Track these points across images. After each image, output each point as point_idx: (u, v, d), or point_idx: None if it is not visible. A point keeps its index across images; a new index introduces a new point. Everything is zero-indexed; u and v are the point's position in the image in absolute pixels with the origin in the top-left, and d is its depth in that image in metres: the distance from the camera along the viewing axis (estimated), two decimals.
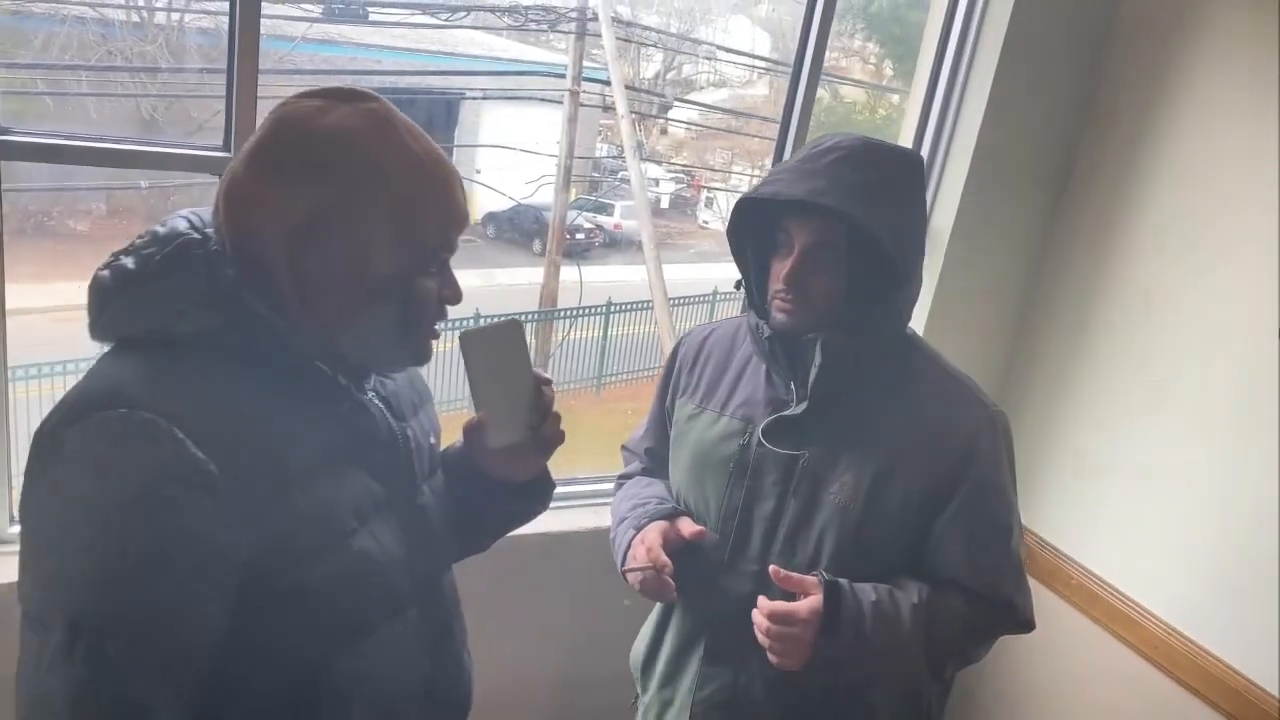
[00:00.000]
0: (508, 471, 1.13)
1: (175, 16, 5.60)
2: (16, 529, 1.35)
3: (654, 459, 1.49)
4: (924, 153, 2.05)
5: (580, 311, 7.98)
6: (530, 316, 7.72)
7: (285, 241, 0.93)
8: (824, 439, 1.25)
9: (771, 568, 1.21)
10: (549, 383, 1.11)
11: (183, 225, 0.97)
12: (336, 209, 0.92)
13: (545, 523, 1.85)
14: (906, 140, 2.08)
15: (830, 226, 1.20)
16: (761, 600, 1.21)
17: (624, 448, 1.58)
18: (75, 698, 0.83)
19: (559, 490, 1.92)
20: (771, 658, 1.21)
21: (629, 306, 8.17)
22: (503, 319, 1.09)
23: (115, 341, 0.94)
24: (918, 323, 2.06)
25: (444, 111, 8.59)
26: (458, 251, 1.03)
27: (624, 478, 1.54)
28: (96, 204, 6.70)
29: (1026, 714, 2.11)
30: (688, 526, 1.32)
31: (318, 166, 0.92)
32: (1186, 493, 1.81)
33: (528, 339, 1.12)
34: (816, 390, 1.24)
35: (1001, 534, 1.27)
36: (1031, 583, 2.03)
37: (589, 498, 2.00)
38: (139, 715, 0.85)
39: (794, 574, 1.20)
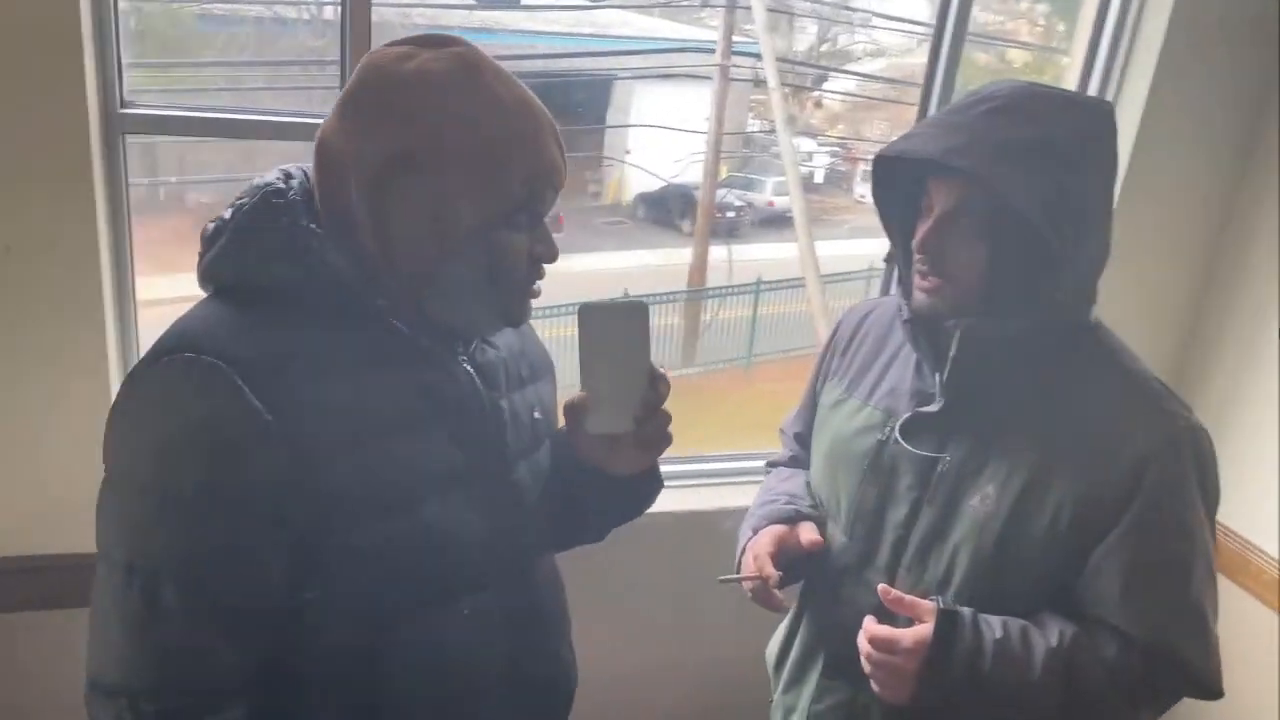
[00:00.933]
0: (605, 462, 1.07)
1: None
2: None
3: (803, 445, 1.38)
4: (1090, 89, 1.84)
5: (730, 290, 7.90)
6: (678, 296, 7.70)
7: (366, 189, 0.91)
8: (969, 442, 1.10)
9: (881, 587, 1.09)
10: (665, 380, 1.03)
11: (273, 176, 0.97)
12: (417, 156, 0.90)
13: (678, 501, 1.81)
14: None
15: (972, 190, 1.04)
16: (868, 621, 1.08)
17: (780, 430, 1.47)
18: (131, 634, 0.88)
19: (699, 468, 1.89)
20: (874, 686, 1.08)
21: (780, 285, 8.01)
22: (630, 300, 1.04)
23: (211, 291, 0.96)
24: None
25: (596, 94, 8.68)
26: (608, 234, 0.97)
27: (772, 464, 1.45)
28: (222, 197, 7.13)
29: None
30: (807, 534, 1.21)
31: (399, 112, 0.90)
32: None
33: (671, 321, 1.05)
34: (952, 387, 1.10)
35: (1175, 574, 1.05)
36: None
37: (729, 475, 1.92)
38: (191, 657, 0.88)
39: (907, 596, 1.07)
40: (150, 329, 1.53)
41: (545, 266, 1.00)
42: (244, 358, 0.87)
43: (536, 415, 1.09)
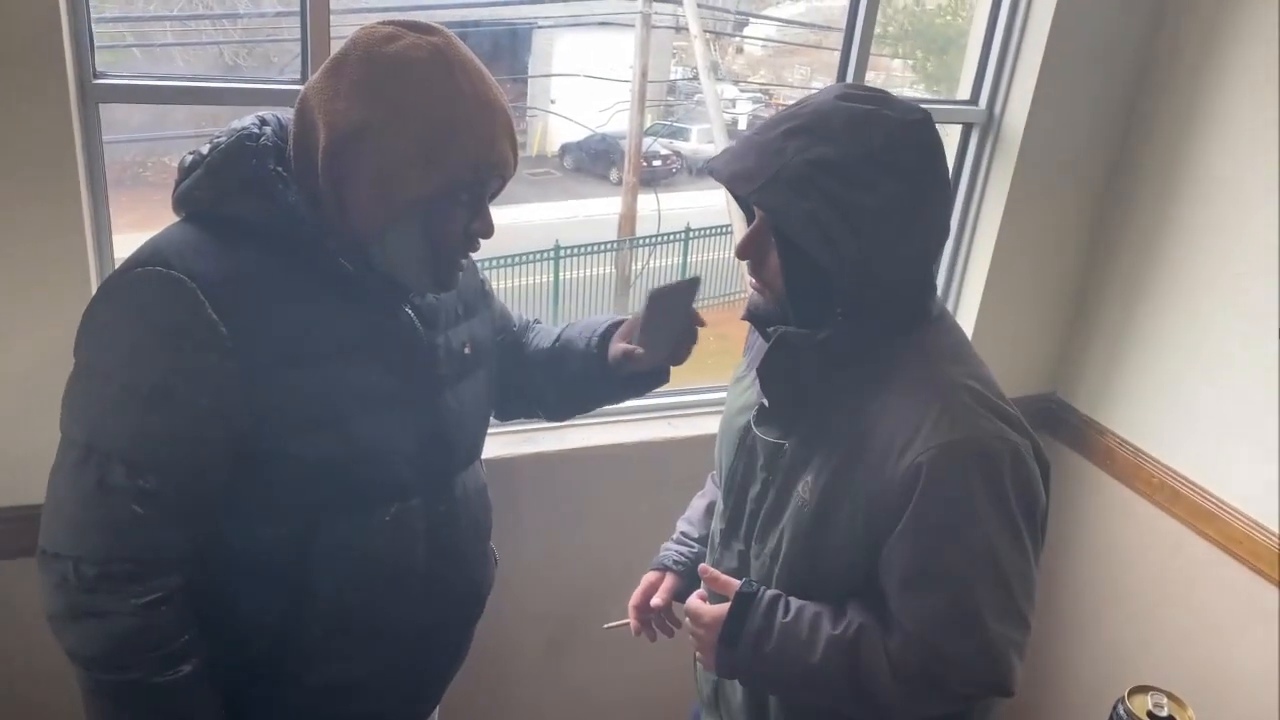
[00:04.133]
0: (632, 368, 1.29)
1: None
2: None
3: None
4: (993, 52, 1.98)
5: (659, 239, 7.98)
6: (608, 246, 7.76)
7: (329, 149, 1.03)
8: (804, 432, 1.15)
9: (700, 566, 1.21)
10: (703, 324, 1.28)
11: (249, 120, 1.10)
12: (377, 126, 1.01)
13: (629, 433, 1.95)
14: (974, 44, 2.02)
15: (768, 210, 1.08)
16: (692, 596, 1.21)
17: None
18: (82, 506, 1.01)
19: (645, 404, 2.03)
20: (696, 655, 1.21)
21: (708, 231, 8.12)
22: (689, 278, 1.25)
23: (182, 217, 1.09)
24: (988, 232, 2.04)
25: (517, 42, 8.58)
26: (535, 185, 1.12)
27: None
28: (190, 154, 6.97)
29: (1110, 614, 2.12)
30: (659, 597, 1.37)
31: (372, 85, 1.02)
32: (1267, 386, 1.77)
33: (603, 270, 1.23)
34: (768, 389, 1.15)
35: (945, 580, 1.05)
36: (1112, 483, 2.09)
37: (673, 409, 2.06)
38: (132, 529, 1.01)
39: (721, 578, 1.17)
40: None
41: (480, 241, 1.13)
42: (208, 276, 1.00)
43: (467, 351, 1.23)
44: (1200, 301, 1.90)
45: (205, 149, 1.08)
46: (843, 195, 1.02)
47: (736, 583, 1.14)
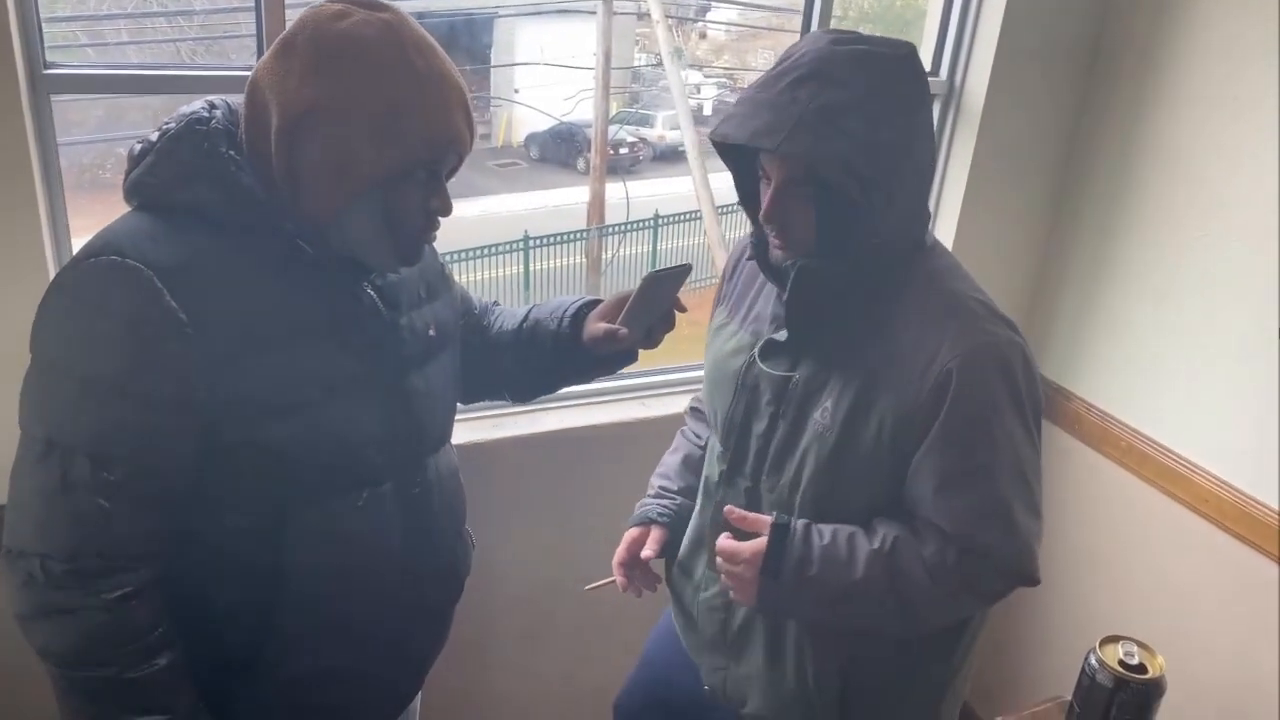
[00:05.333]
0: (605, 349, 1.31)
1: None
2: None
3: None
4: (952, 22, 1.99)
5: (629, 227, 7.97)
6: (577, 235, 7.74)
7: (282, 131, 1.01)
8: (815, 362, 1.20)
9: (726, 508, 1.21)
10: (684, 309, 1.31)
11: (198, 105, 1.08)
12: (329, 106, 1.00)
13: (605, 414, 1.95)
14: (934, 15, 2.03)
15: (792, 163, 1.12)
16: (721, 537, 1.21)
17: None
18: (46, 502, 0.99)
19: (620, 384, 2.03)
20: (730, 593, 1.22)
21: (677, 218, 8.12)
22: (681, 265, 1.29)
23: (134, 206, 1.06)
24: (953, 201, 2.06)
25: (477, 32, 8.51)
26: (501, 176, 1.12)
27: (693, 408, 1.59)
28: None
29: (1083, 576, 2.15)
30: (648, 548, 1.38)
31: (322, 65, 1.00)
32: (1232, 348, 1.80)
33: (573, 260, 1.24)
34: (792, 320, 1.20)
35: (979, 476, 1.13)
36: (1081, 447, 2.12)
37: (647, 389, 2.08)
38: (98, 524, 0.99)
39: (750, 515, 1.19)
40: None
41: (440, 219, 1.12)
42: (164, 264, 0.98)
43: (432, 333, 1.22)
44: (1164, 267, 1.93)
45: (154, 136, 1.06)
46: (862, 133, 1.07)
47: (768, 518, 1.17)
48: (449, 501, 1.29)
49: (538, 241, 7.29)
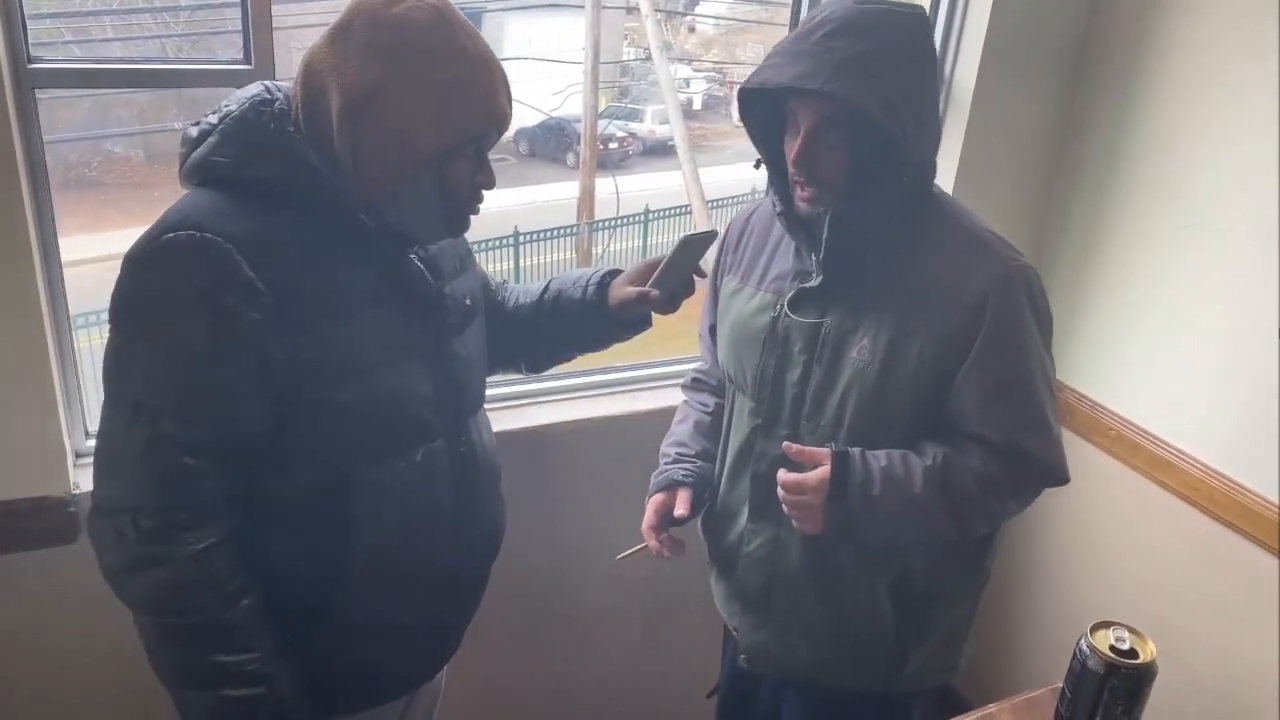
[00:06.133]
0: (629, 314, 1.39)
1: None
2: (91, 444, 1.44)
3: (714, 335, 1.56)
4: (941, 10, 1.99)
5: (619, 221, 7.97)
6: (568, 231, 7.73)
7: (345, 112, 1.07)
8: (845, 306, 1.29)
9: (785, 444, 1.28)
10: (704, 274, 1.41)
11: (257, 89, 1.14)
12: (391, 88, 1.06)
13: (598, 408, 1.96)
14: (923, 3, 2.03)
15: (830, 105, 1.20)
16: (781, 472, 1.28)
17: (700, 335, 1.64)
18: (136, 462, 1.06)
19: (611, 378, 2.04)
20: (794, 524, 1.29)
21: (668, 213, 8.13)
22: (708, 230, 1.37)
23: (196, 184, 1.11)
24: (945, 181, 2.06)
25: None
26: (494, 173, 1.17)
27: (693, 379, 1.64)
28: (135, 151, 6.85)
29: (1074, 564, 2.16)
30: (679, 507, 1.41)
31: (381, 49, 1.06)
32: (1220, 336, 1.81)
33: (564, 256, 1.29)
34: (829, 264, 1.28)
35: (1019, 385, 1.26)
36: (1072, 437, 2.12)
37: (639, 382, 2.08)
38: (183, 481, 1.06)
39: (807, 449, 1.26)
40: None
41: (484, 192, 1.19)
42: (238, 236, 1.04)
43: (468, 302, 1.30)
44: (1152, 257, 1.93)
45: (214, 118, 1.11)
46: (894, 79, 1.18)
47: (824, 450, 1.25)
48: (490, 458, 1.37)
49: (528, 237, 7.29)
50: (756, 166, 1.39)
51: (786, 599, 1.39)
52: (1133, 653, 1.07)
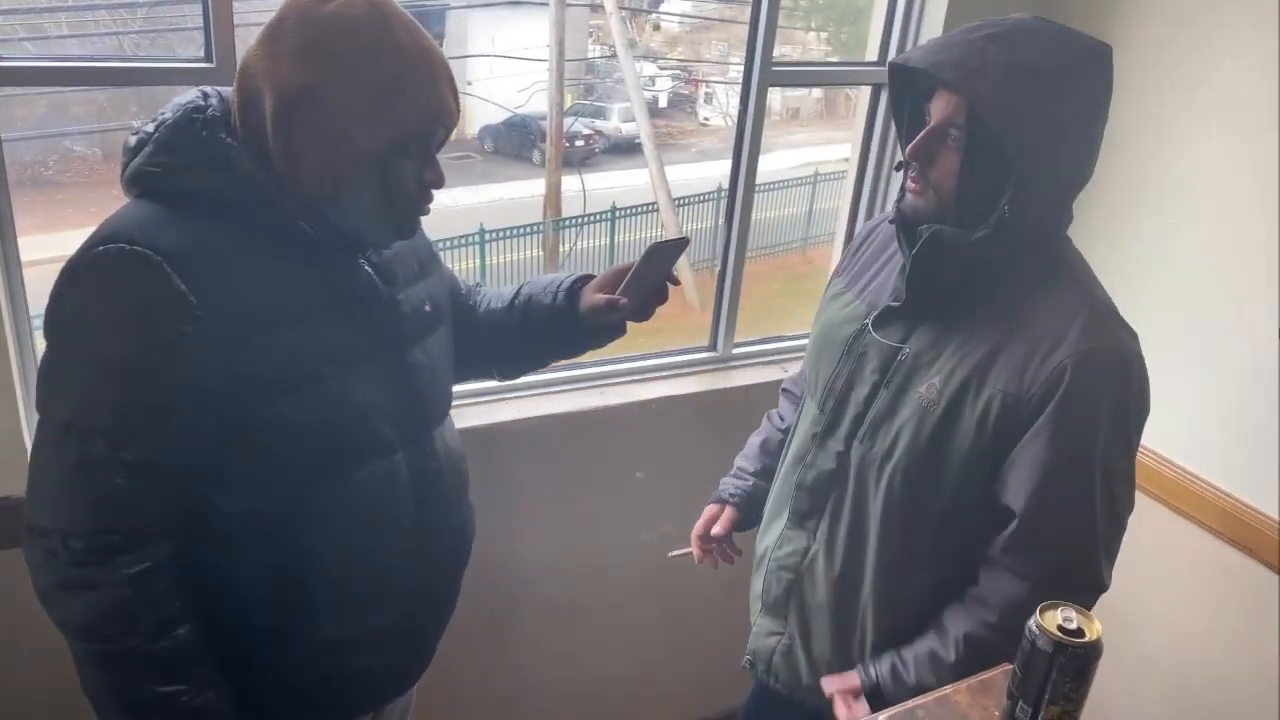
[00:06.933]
0: (600, 322, 1.35)
1: None
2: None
3: None
4: (898, 12, 2.02)
5: (586, 220, 7.96)
6: (534, 229, 7.72)
7: (277, 113, 1.04)
8: (928, 336, 1.22)
9: (821, 680, 1.30)
10: (677, 283, 1.35)
11: (193, 94, 1.11)
12: (324, 87, 1.03)
13: (575, 401, 1.97)
14: (880, 6, 2.06)
15: (960, 103, 1.13)
16: (837, 703, 1.28)
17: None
18: (66, 482, 1.03)
19: (586, 372, 2.05)
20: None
21: (634, 210, 8.13)
22: (680, 237, 1.35)
23: (135, 195, 1.09)
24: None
25: (429, 23, 8.41)
26: (456, 170, 1.14)
27: (784, 388, 1.62)
28: (93, 149, 6.74)
29: None
30: (720, 526, 1.46)
31: (313, 48, 1.03)
32: (1210, 351, 1.82)
33: (530, 254, 1.24)
34: (912, 283, 1.21)
35: (1075, 472, 1.13)
36: None
37: (614, 376, 2.08)
38: (116, 502, 1.03)
39: (838, 690, 1.28)
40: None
41: (434, 191, 1.15)
42: (170, 249, 1.01)
43: (428, 309, 1.25)
44: (1148, 277, 1.92)
45: (150, 126, 1.08)
46: (1037, 99, 1.09)
47: (856, 682, 1.26)
48: (456, 468, 1.33)
49: (494, 235, 7.26)
50: (897, 169, 1.32)
51: (800, 617, 1.37)
52: (1080, 632, 1.10)
